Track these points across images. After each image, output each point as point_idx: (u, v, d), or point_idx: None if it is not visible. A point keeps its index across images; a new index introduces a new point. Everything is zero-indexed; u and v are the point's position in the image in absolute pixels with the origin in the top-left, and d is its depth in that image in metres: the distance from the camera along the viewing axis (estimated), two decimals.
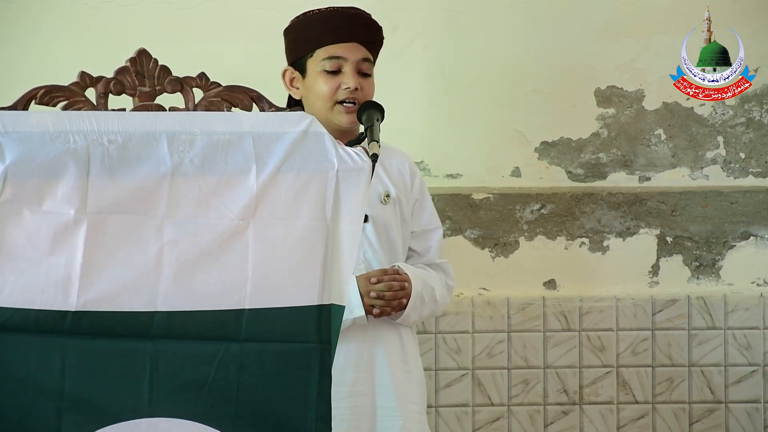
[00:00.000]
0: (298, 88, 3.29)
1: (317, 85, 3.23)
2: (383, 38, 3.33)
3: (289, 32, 3.32)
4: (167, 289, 2.45)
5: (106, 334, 2.43)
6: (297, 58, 3.28)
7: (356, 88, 3.20)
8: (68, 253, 2.40)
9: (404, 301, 3.19)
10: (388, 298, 3.17)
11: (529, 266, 4.16)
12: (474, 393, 4.12)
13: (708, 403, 4.17)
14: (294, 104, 3.32)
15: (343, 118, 3.21)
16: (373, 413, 3.22)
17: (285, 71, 3.31)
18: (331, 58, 3.22)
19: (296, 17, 3.31)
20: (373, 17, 3.32)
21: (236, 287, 2.49)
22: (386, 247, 3.26)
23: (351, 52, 3.23)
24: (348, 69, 3.22)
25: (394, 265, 3.24)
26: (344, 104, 3.21)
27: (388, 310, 3.19)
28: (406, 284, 3.20)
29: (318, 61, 3.23)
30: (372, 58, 3.28)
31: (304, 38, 3.26)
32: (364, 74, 3.24)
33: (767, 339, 4.18)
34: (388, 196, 3.28)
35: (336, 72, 3.22)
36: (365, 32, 3.27)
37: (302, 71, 3.27)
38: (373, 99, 3.23)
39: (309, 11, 3.28)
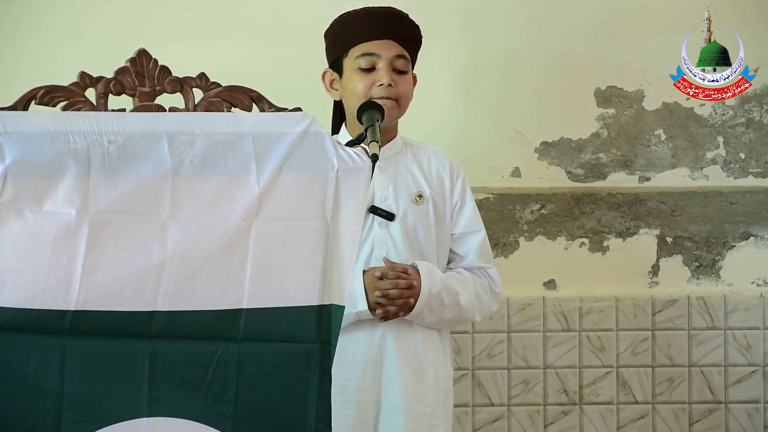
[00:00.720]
0: (337, 89, 3.29)
1: (352, 83, 3.23)
2: (421, 37, 3.33)
3: (327, 35, 3.34)
4: (167, 288, 2.45)
5: (106, 334, 2.43)
6: (334, 60, 3.29)
7: (390, 84, 3.20)
8: (69, 253, 2.40)
9: (411, 300, 3.18)
10: (392, 296, 3.16)
11: (529, 266, 4.16)
12: (474, 393, 4.12)
13: (708, 404, 4.17)
14: (340, 109, 3.32)
15: None
16: (378, 409, 3.21)
17: (324, 73, 3.32)
18: (364, 55, 3.23)
19: (334, 19, 3.32)
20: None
21: (234, 287, 2.49)
22: (414, 247, 3.25)
23: (384, 49, 3.23)
24: (382, 66, 3.22)
25: (413, 264, 3.22)
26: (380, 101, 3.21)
27: (393, 309, 3.17)
28: (415, 283, 3.19)
29: (352, 59, 3.24)
30: (408, 56, 3.27)
31: (339, 38, 3.28)
32: (400, 71, 3.25)
33: (767, 339, 4.18)
34: (420, 196, 3.28)
35: (370, 69, 3.23)
36: (399, 29, 3.27)
37: (339, 71, 3.28)
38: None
39: (345, 12, 3.29)
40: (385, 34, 3.25)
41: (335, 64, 3.30)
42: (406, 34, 3.29)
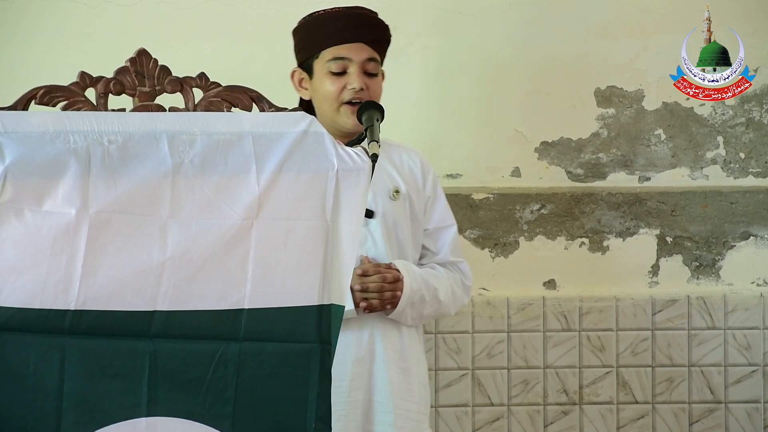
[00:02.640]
0: (306, 89, 3.29)
1: (323, 86, 3.23)
2: (390, 37, 3.33)
3: (296, 33, 3.33)
4: (168, 288, 2.45)
5: (106, 334, 2.43)
6: (304, 60, 3.29)
7: (362, 89, 3.21)
8: (69, 252, 2.40)
9: (398, 293, 3.18)
10: (373, 289, 3.16)
11: (529, 266, 4.16)
12: (474, 393, 4.12)
13: (708, 403, 4.17)
14: (306, 106, 3.32)
15: (349, 119, 3.21)
16: (369, 408, 3.22)
17: (293, 72, 3.32)
18: (336, 59, 3.23)
19: (303, 18, 3.31)
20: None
21: (235, 287, 2.49)
22: (393, 244, 3.26)
23: (356, 52, 3.23)
24: (353, 70, 3.22)
25: (391, 263, 3.23)
26: (351, 104, 3.21)
27: (376, 302, 3.17)
28: (401, 276, 3.19)
29: (323, 62, 3.23)
30: (378, 58, 3.27)
31: (310, 40, 3.27)
32: (370, 74, 3.25)
33: (767, 339, 4.18)
34: (397, 191, 3.28)
35: (341, 73, 3.23)
36: (370, 32, 3.27)
37: (309, 72, 3.28)
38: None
39: (315, 12, 3.28)
40: (356, 37, 3.24)
41: (305, 64, 3.29)
42: (376, 36, 3.28)
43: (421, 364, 3.32)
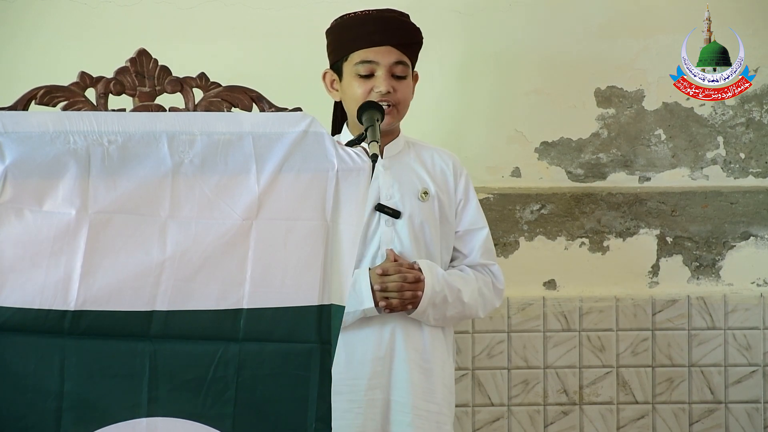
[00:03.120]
0: (337, 90, 3.31)
1: (351, 88, 3.25)
2: (421, 39, 3.34)
3: (328, 34, 3.35)
4: (167, 288, 2.45)
5: (105, 334, 2.43)
6: (335, 61, 3.30)
7: (388, 92, 3.22)
8: (69, 253, 2.40)
9: (419, 293, 3.19)
10: (392, 289, 3.18)
11: (529, 266, 4.16)
12: (474, 393, 4.12)
13: (708, 404, 4.17)
14: (341, 109, 3.34)
15: None
16: (387, 407, 3.23)
17: (325, 73, 3.33)
18: (363, 62, 3.24)
19: (335, 20, 3.33)
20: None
21: (234, 287, 2.49)
22: (420, 245, 3.26)
23: (383, 56, 3.24)
24: (381, 73, 3.24)
25: (414, 262, 3.24)
26: None
27: (396, 302, 3.18)
28: (422, 277, 3.20)
29: (352, 65, 3.25)
30: (407, 61, 3.28)
31: (340, 42, 3.28)
32: (398, 77, 3.25)
33: (767, 339, 4.18)
34: (426, 193, 3.29)
35: (369, 76, 3.24)
36: (399, 35, 3.28)
37: (339, 74, 3.30)
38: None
39: (346, 14, 3.30)
40: (385, 41, 3.25)
41: (335, 66, 3.30)
42: (405, 39, 3.29)
43: (447, 366, 3.32)
